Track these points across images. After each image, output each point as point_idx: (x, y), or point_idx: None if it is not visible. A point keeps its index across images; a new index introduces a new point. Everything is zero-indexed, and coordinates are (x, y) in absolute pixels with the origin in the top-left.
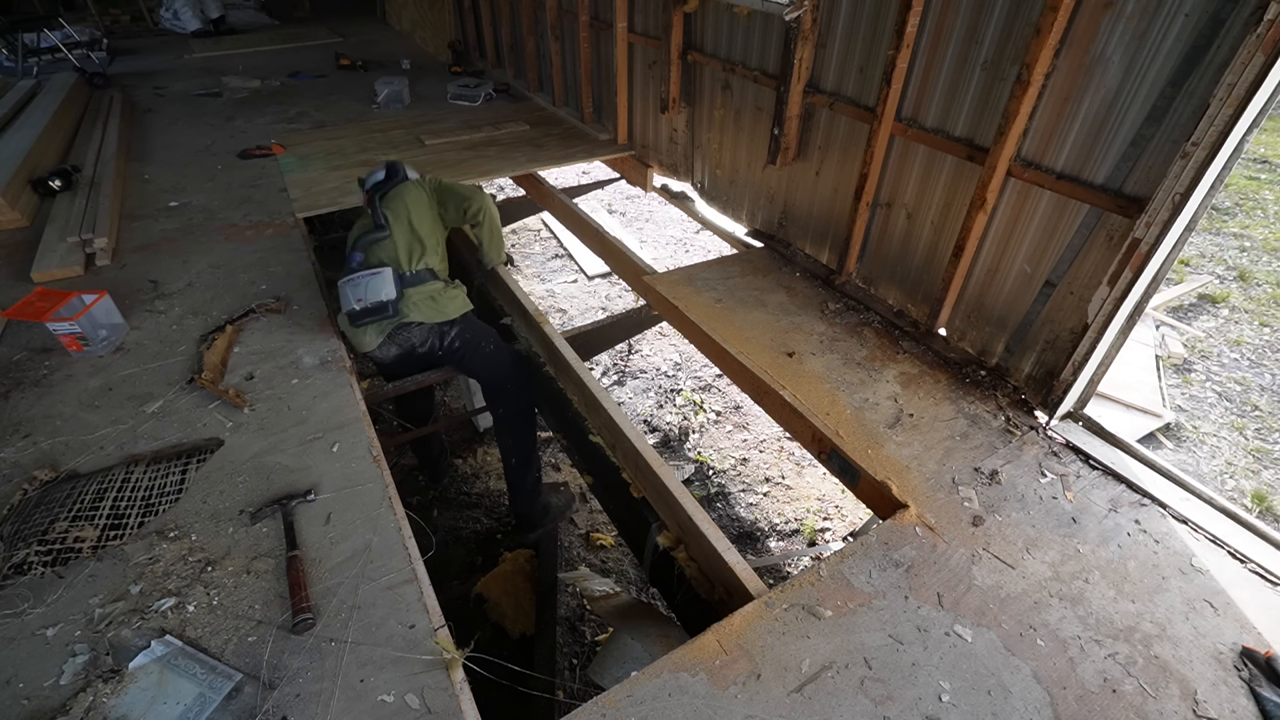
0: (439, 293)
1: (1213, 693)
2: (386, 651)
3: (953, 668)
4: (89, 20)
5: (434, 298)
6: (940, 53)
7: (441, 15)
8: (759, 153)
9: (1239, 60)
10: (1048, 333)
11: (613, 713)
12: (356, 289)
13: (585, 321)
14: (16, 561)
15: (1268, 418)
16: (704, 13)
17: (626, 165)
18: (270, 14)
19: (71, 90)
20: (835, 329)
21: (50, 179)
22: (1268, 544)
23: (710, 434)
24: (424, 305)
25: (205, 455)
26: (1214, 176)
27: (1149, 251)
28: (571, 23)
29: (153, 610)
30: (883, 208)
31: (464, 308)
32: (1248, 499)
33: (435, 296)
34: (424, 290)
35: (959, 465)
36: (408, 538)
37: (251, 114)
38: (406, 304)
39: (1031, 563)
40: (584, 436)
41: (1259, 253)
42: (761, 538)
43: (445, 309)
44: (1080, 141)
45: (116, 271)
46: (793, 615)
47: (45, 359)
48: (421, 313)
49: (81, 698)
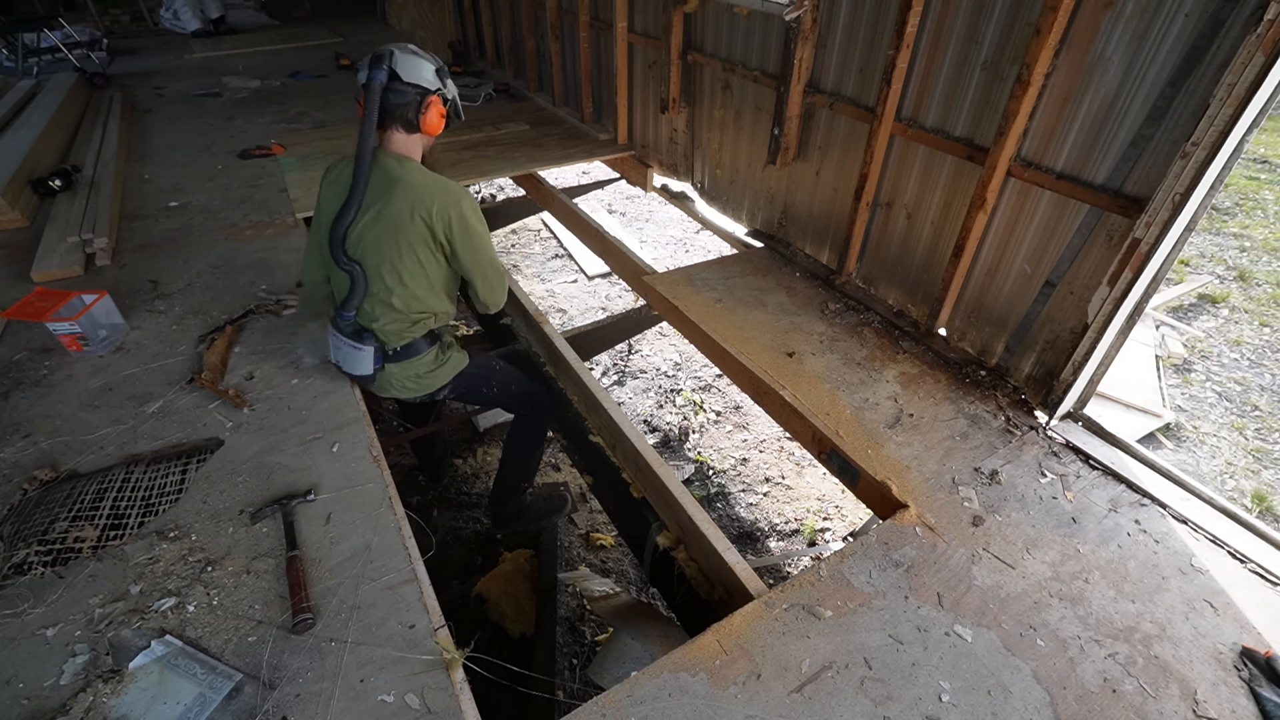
0: (427, 368)
1: (1213, 693)
2: (386, 651)
3: (953, 668)
4: (89, 20)
5: (419, 376)
6: (940, 53)
7: (441, 15)
8: (759, 153)
9: (1239, 60)
10: (1048, 333)
11: (613, 713)
12: (337, 351)
13: (585, 321)
14: (16, 561)
15: (1268, 418)
16: (704, 13)
17: (626, 165)
18: (270, 14)
19: (71, 90)
20: (835, 329)
21: (50, 179)
22: (1268, 544)
23: (710, 434)
24: (406, 383)
25: (205, 455)
26: (1214, 176)
27: (1149, 251)
28: (571, 23)
29: (153, 610)
30: (883, 208)
31: (453, 372)
32: (1248, 499)
33: (420, 374)
34: (409, 368)
35: (959, 465)
36: (408, 538)
37: (251, 114)
38: (384, 381)
39: (1031, 563)
40: (584, 436)
41: (1259, 253)
42: (761, 538)
43: (430, 384)
44: (1080, 141)
45: (116, 271)
46: (793, 615)
47: (45, 359)
48: (403, 390)
49: (81, 698)
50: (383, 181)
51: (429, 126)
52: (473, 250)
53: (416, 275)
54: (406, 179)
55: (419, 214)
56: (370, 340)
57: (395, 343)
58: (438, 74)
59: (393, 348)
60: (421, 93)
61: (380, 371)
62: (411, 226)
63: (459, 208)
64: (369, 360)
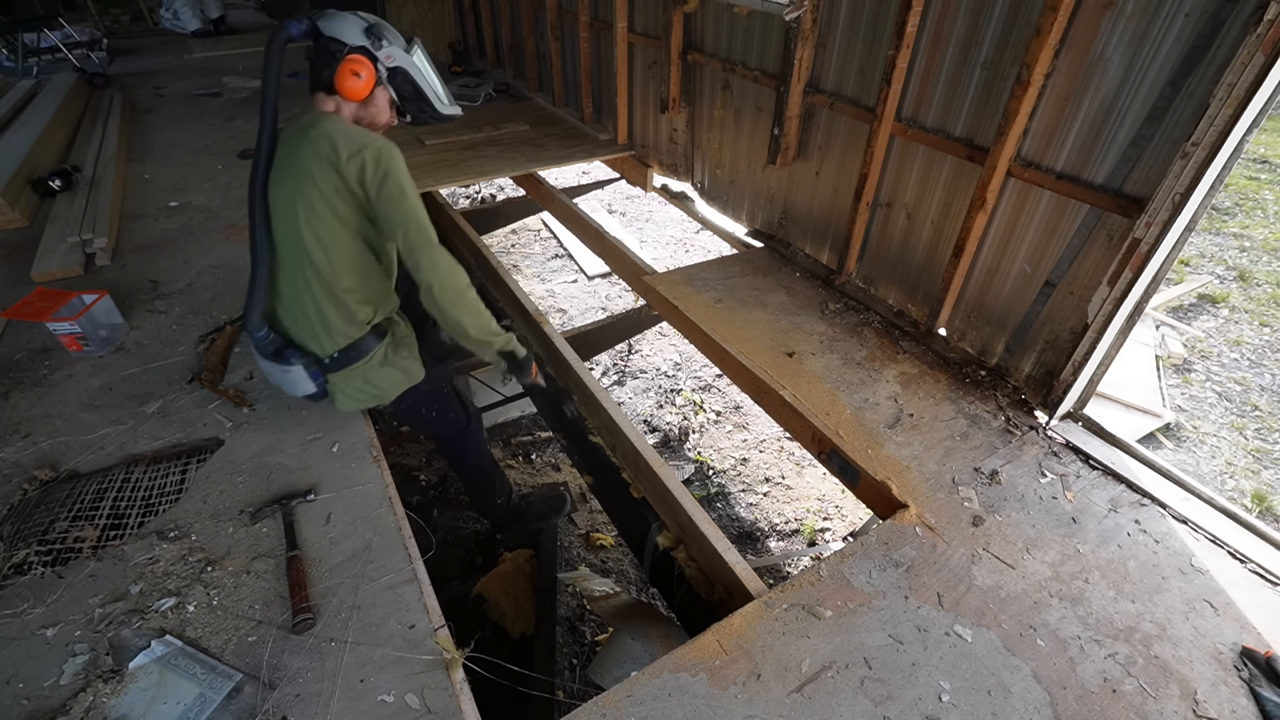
0: (374, 370)
1: (1213, 693)
2: (386, 651)
3: (953, 668)
4: (89, 20)
5: (367, 379)
6: (940, 53)
7: (441, 15)
8: (759, 153)
9: (1239, 60)
10: (1048, 333)
11: (613, 713)
12: (270, 376)
13: (585, 321)
14: (16, 561)
15: (1268, 418)
16: (704, 13)
17: (626, 165)
18: (270, 14)
19: (71, 90)
20: (835, 329)
21: (50, 179)
22: (1268, 544)
23: (710, 434)
24: (357, 393)
25: (205, 455)
26: (1214, 176)
27: (1149, 251)
28: (571, 23)
29: (153, 610)
30: (883, 208)
31: (407, 381)
32: (1248, 499)
33: (369, 377)
34: (355, 374)
35: (959, 465)
36: (408, 538)
37: (251, 114)
38: (336, 394)
39: (1031, 563)
40: (584, 436)
41: (1259, 253)
42: (761, 538)
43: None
44: (1080, 141)
45: (116, 271)
46: (793, 615)
47: (45, 359)
48: (362, 399)
49: (81, 698)
50: (296, 133)
51: (345, 89)
52: (394, 205)
53: (338, 240)
54: (320, 125)
55: (325, 157)
56: (295, 357)
57: (329, 347)
58: (367, 32)
59: (328, 355)
60: (339, 47)
61: (327, 385)
62: (321, 174)
63: (374, 152)
64: (303, 378)
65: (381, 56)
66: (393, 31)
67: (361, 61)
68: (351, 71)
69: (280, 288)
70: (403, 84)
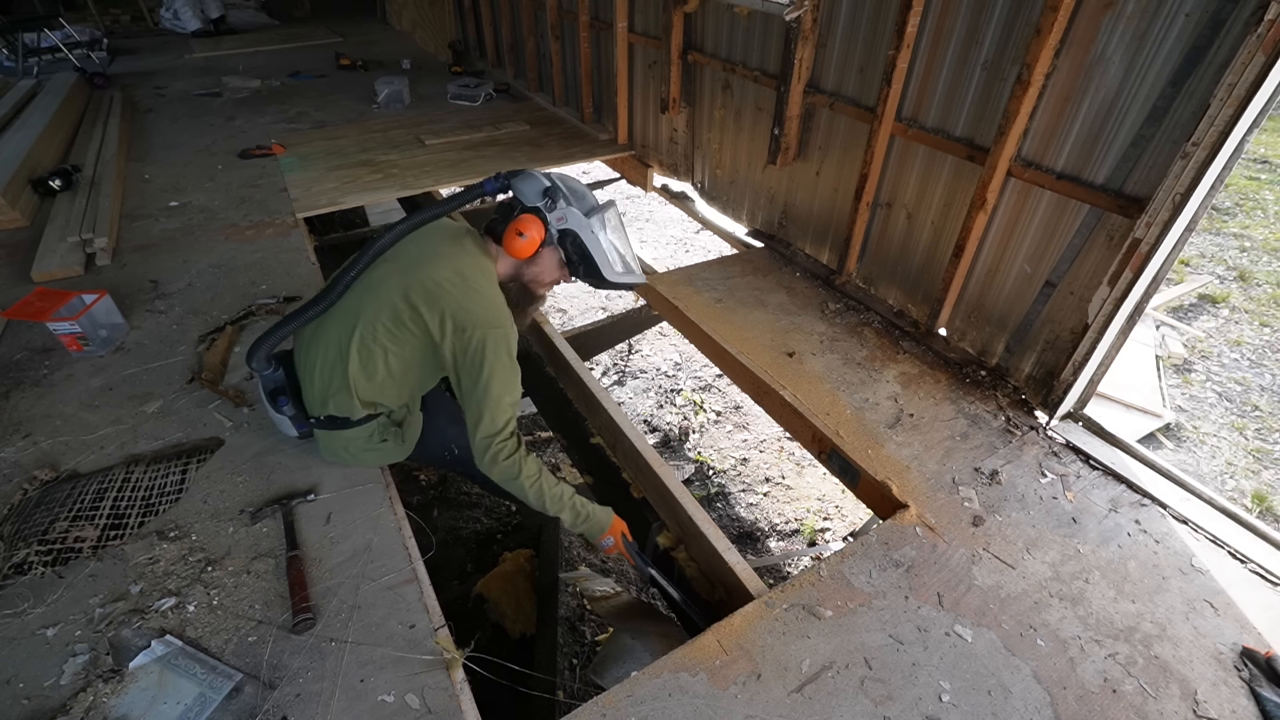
0: (359, 447)
1: (1213, 693)
2: (387, 651)
3: (953, 668)
4: (89, 20)
5: (346, 449)
6: (940, 53)
7: (441, 15)
8: (759, 153)
9: (1239, 60)
10: (1048, 333)
11: (613, 713)
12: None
13: (585, 321)
14: (16, 561)
15: (1268, 418)
16: (704, 13)
17: (626, 165)
18: (270, 14)
19: (71, 90)
20: (835, 329)
21: (50, 179)
22: (1268, 544)
23: (710, 434)
24: (339, 453)
25: (205, 455)
26: (1214, 177)
27: (1149, 251)
28: (571, 23)
29: (153, 610)
30: (883, 208)
31: (379, 464)
32: (1248, 499)
33: (349, 448)
34: (338, 439)
35: (959, 465)
36: (408, 538)
37: (251, 114)
38: (319, 443)
39: (1031, 563)
40: (584, 437)
41: (1259, 253)
42: (761, 538)
43: (361, 462)
44: (1080, 141)
45: (116, 271)
46: (793, 615)
47: (45, 359)
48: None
49: (81, 698)
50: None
51: (509, 246)
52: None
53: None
54: (459, 265)
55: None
56: (286, 406)
57: (319, 411)
58: (545, 193)
59: (315, 415)
60: (516, 204)
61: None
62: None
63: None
64: (288, 425)
65: (553, 218)
66: (580, 195)
67: (531, 222)
68: (517, 231)
69: (306, 335)
70: (573, 247)
